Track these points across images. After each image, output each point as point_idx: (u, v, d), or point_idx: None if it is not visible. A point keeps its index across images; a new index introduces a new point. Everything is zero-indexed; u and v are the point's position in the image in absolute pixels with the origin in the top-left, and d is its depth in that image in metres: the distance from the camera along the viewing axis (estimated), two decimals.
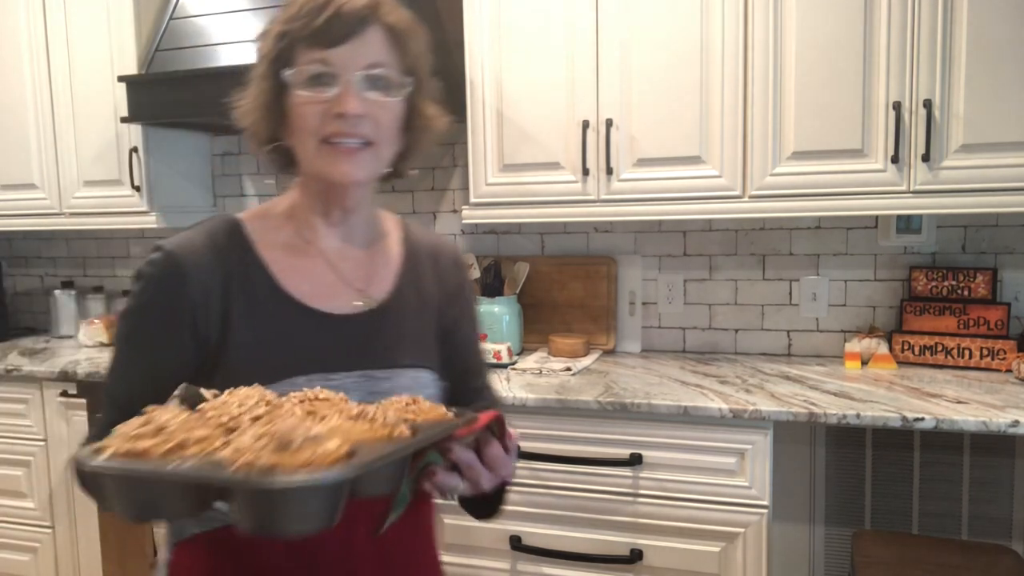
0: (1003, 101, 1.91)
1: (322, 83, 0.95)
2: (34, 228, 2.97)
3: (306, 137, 0.97)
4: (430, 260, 1.13)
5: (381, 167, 1.03)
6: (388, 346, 1.03)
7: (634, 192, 2.20)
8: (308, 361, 0.97)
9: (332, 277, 1.04)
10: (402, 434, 0.75)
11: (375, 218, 1.12)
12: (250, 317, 0.98)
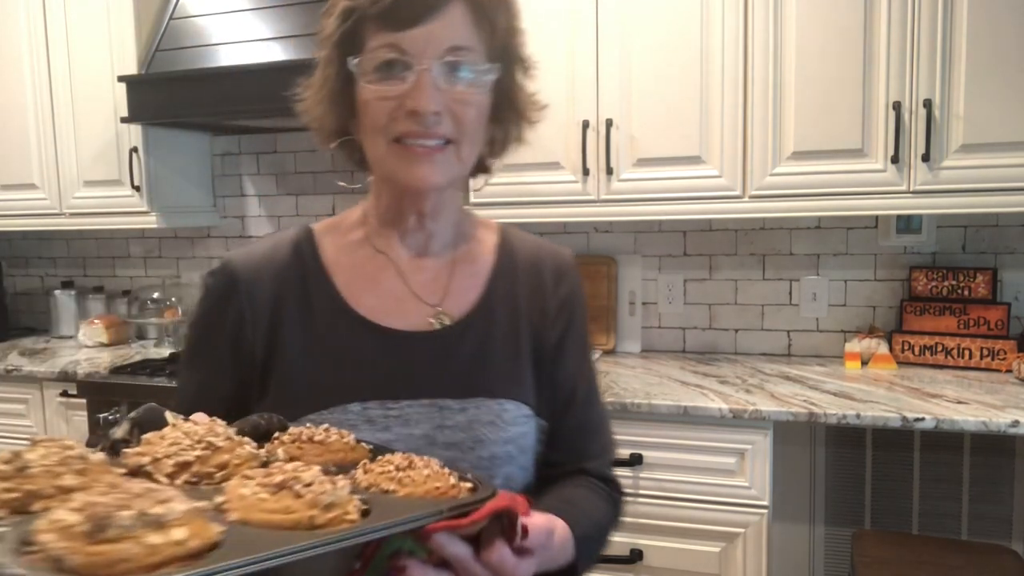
0: (1003, 101, 1.91)
1: (393, 72, 0.81)
2: (34, 228, 2.97)
3: (375, 136, 0.84)
4: (529, 271, 0.95)
5: (464, 167, 0.88)
6: (465, 371, 0.88)
7: (634, 192, 2.20)
8: (365, 384, 0.85)
9: (403, 291, 0.91)
10: (339, 520, 0.56)
11: (462, 224, 0.96)
12: (303, 332, 0.88)
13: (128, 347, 2.95)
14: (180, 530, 0.48)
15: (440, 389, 0.87)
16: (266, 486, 0.57)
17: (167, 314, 2.93)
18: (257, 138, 2.98)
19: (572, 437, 0.94)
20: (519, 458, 0.88)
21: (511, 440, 0.87)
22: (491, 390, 0.88)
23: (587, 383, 0.97)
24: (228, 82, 2.36)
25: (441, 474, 0.66)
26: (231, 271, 0.90)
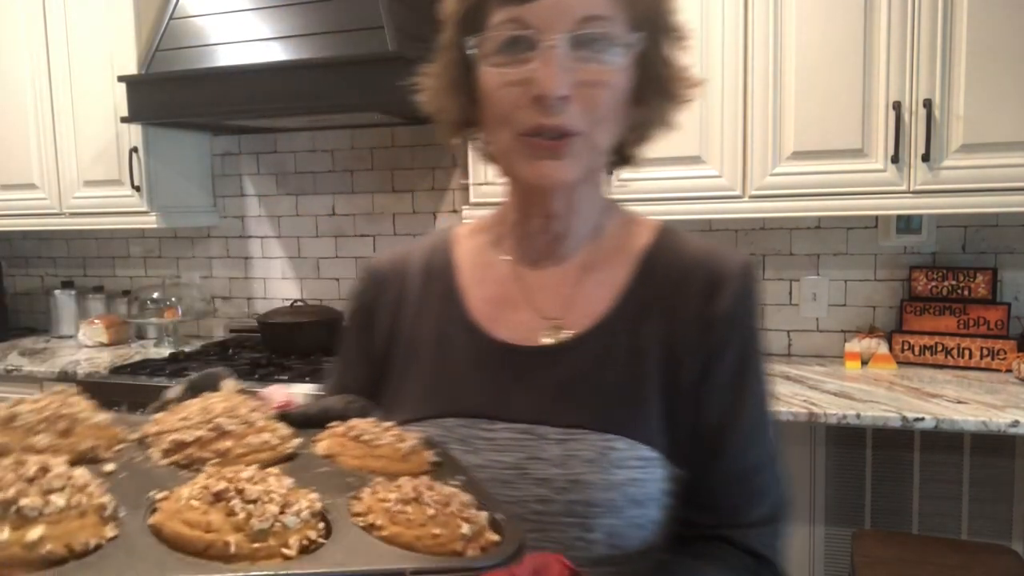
0: (1003, 101, 1.91)
1: (517, 52, 0.71)
2: (34, 228, 2.98)
3: (499, 128, 0.74)
4: (676, 282, 0.79)
5: (599, 159, 0.77)
6: (568, 396, 0.76)
7: (634, 192, 2.20)
8: (462, 397, 0.78)
9: (519, 299, 0.81)
10: (266, 553, 0.47)
11: (605, 224, 0.83)
12: (416, 333, 0.84)
13: (128, 347, 2.95)
14: (38, 529, 0.43)
15: (538, 413, 0.75)
16: (207, 492, 0.49)
17: (167, 314, 2.93)
18: (257, 138, 2.98)
19: (717, 495, 0.76)
20: (628, 510, 0.72)
21: (616, 486, 0.72)
22: (598, 422, 0.74)
23: (746, 427, 0.76)
24: (228, 82, 2.36)
25: (452, 517, 0.53)
26: (370, 268, 0.92)
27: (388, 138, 2.82)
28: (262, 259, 3.06)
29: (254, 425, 0.61)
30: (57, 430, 0.56)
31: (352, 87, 2.23)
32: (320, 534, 0.50)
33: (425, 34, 2.76)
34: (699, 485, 0.75)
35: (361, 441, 0.64)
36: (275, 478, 0.52)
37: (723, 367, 0.76)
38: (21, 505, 0.43)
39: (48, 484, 0.45)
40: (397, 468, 0.62)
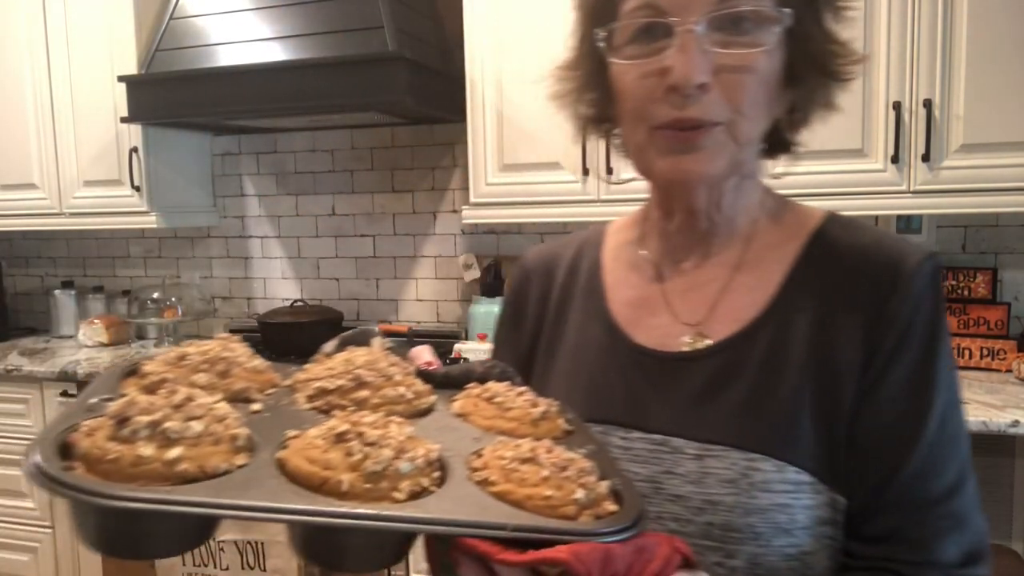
0: (1003, 101, 1.91)
1: (651, 41, 0.65)
2: (34, 228, 2.98)
3: (634, 123, 0.69)
4: (841, 281, 0.70)
5: (744, 149, 0.68)
6: (707, 407, 0.69)
7: (633, 192, 2.19)
8: (596, 401, 0.74)
9: (658, 302, 0.76)
10: (377, 495, 0.49)
11: (759, 218, 0.76)
12: (556, 331, 0.81)
13: (128, 347, 2.95)
14: (176, 450, 0.47)
15: (674, 425, 0.70)
16: (331, 432, 0.52)
17: (167, 314, 2.93)
18: (257, 138, 2.98)
19: (893, 525, 0.66)
20: (774, 539, 0.64)
21: (759, 511, 0.64)
22: (738, 438, 0.67)
23: (931, 443, 0.65)
24: (228, 82, 2.36)
25: (567, 481, 0.51)
26: (522, 261, 0.90)
27: (388, 138, 2.82)
28: (262, 259, 3.06)
29: (392, 379, 0.63)
30: (216, 371, 0.61)
31: (352, 87, 2.23)
32: (433, 483, 0.52)
33: (425, 34, 2.77)
34: (868, 513, 0.66)
35: (494, 403, 0.64)
36: (397, 426, 0.53)
37: (898, 375, 0.66)
38: (165, 427, 0.48)
39: (191, 412, 0.50)
40: (527, 432, 0.62)
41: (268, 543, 2.05)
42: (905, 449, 0.65)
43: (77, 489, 0.44)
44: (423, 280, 2.86)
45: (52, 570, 2.64)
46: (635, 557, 0.49)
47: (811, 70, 0.69)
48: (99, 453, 0.47)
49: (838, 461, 0.66)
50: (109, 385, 0.60)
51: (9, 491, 2.65)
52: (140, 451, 0.47)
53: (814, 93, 0.71)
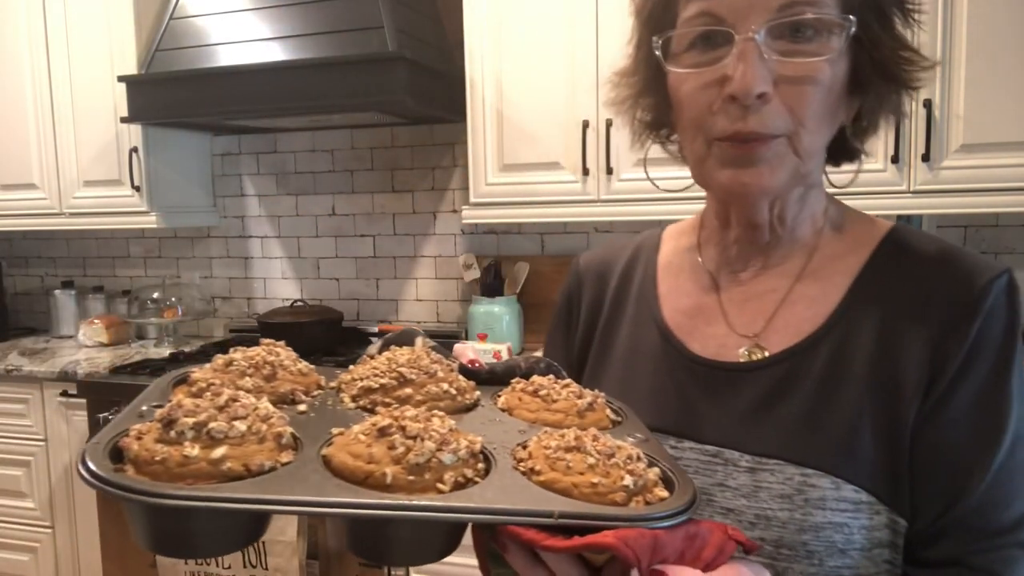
0: (1003, 101, 1.91)
1: (709, 49, 0.64)
2: (34, 228, 2.97)
3: (693, 134, 0.67)
4: (909, 296, 0.67)
5: (805, 162, 0.66)
6: (764, 422, 0.67)
7: (634, 192, 2.20)
8: (651, 411, 0.72)
9: (714, 312, 0.75)
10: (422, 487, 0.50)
11: (823, 229, 0.74)
12: (612, 331, 0.80)
13: (128, 347, 2.95)
14: (221, 449, 0.49)
15: (728, 437, 0.68)
16: (373, 428, 0.52)
17: (167, 314, 2.93)
18: (257, 138, 2.98)
19: (951, 553, 0.63)
20: (828, 559, 0.63)
21: (813, 529, 0.63)
22: (793, 452, 0.65)
23: (994, 476, 0.62)
24: (228, 82, 2.36)
25: (614, 468, 0.51)
26: (574, 265, 0.90)
27: (388, 138, 2.82)
28: (262, 259, 3.06)
29: (435, 376, 0.65)
30: (262, 375, 0.63)
31: (352, 87, 2.23)
32: (478, 473, 0.52)
33: (425, 34, 2.76)
34: (929, 537, 0.63)
35: (538, 396, 0.65)
36: (439, 419, 0.54)
37: (966, 395, 0.63)
38: (210, 427, 0.50)
39: (235, 412, 0.52)
40: (573, 423, 0.62)
41: (269, 542, 2.05)
42: (971, 474, 0.62)
43: (123, 488, 0.46)
44: (423, 280, 2.86)
45: (52, 570, 2.64)
46: (686, 544, 0.47)
47: (878, 77, 0.67)
48: (147, 455, 0.48)
49: (900, 482, 0.63)
50: (159, 393, 0.62)
51: (9, 491, 2.65)
52: (186, 451, 0.48)
53: (882, 100, 0.69)
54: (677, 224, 0.87)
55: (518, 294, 2.60)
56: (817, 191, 0.73)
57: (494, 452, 0.55)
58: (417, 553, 0.51)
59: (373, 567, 2.13)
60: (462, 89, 2.34)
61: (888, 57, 0.66)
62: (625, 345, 0.79)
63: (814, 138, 0.65)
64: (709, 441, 0.69)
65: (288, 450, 0.53)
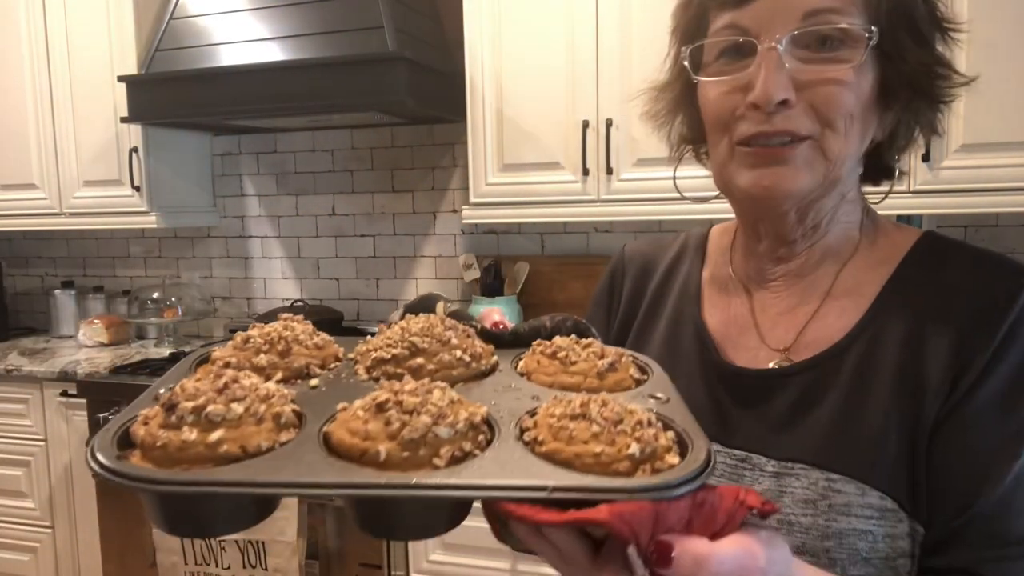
0: (1003, 101, 1.91)
1: (739, 58, 0.66)
2: (34, 228, 2.97)
3: (717, 137, 0.69)
4: (938, 305, 0.67)
5: (837, 168, 0.66)
6: (792, 427, 0.67)
7: (634, 192, 2.20)
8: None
9: (747, 321, 0.76)
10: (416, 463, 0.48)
11: (855, 240, 0.73)
12: (646, 327, 0.82)
13: (128, 347, 2.95)
14: (218, 432, 0.49)
15: (757, 442, 0.68)
16: (372, 402, 0.51)
17: (167, 314, 2.93)
18: (257, 138, 2.98)
19: (964, 560, 0.62)
20: (851, 567, 0.62)
21: (837, 536, 0.62)
22: (819, 457, 0.65)
23: (1012, 482, 0.61)
24: (228, 82, 2.36)
25: (620, 435, 0.48)
26: (622, 250, 0.91)
27: (388, 138, 2.82)
28: (262, 259, 3.06)
29: (448, 343, 0.63)
30: (277, 350, 0.63)
31: (352, 87, 2.23)
32: (478, 446, 0.51)
33: (425, 34, 2.76)
34: (943, 543, 0.62)
35: (556, 358, 0.62)
36: (439, 391, 0.52)
37: (985, 398, 0.62)
38: (208, 411, 0.50)
39: (233, 394, 0.52)
40: (592, 385, 0.60)
41: (269, 542, 2.05)
42: (987, 478, 0.61)
43: (120, 475, 0.47)
44: (423, 280, 2.86)
45: (52, 570, 2.64)
46: (694, 512, 0.45)
47: (907, 90, 0.67)
48: (151, 440, 0.49)
49: (920, 488, 0.62)
50: (178, 374, 0.62)
51: (9, 491, 2.65)
52: (184, 436, 0.49)
53: (916, 116, 0.69)
54: (723, 224, 0.87)
55: (518, 294, 2.60)
56: (852, 205, 0.73)
57: (500, 422, 0.54)
58: (422, 527, 0.50)
59: (373, 567, 2.13)
60: (462, 89, 2.34)
61: (917, 70, 0.66)
62: (662, 340, 0.80)
63: (843, 143, 0.65)
64: (738, 446, 0.69)
65: (290, 428, 0.53)
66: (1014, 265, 0.67)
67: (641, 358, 0.67)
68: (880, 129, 0.69)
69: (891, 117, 0.69)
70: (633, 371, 0.63)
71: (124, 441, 0.51)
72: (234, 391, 0.52)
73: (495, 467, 0.48)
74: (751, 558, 0.45)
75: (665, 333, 0.81)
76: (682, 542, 0.44)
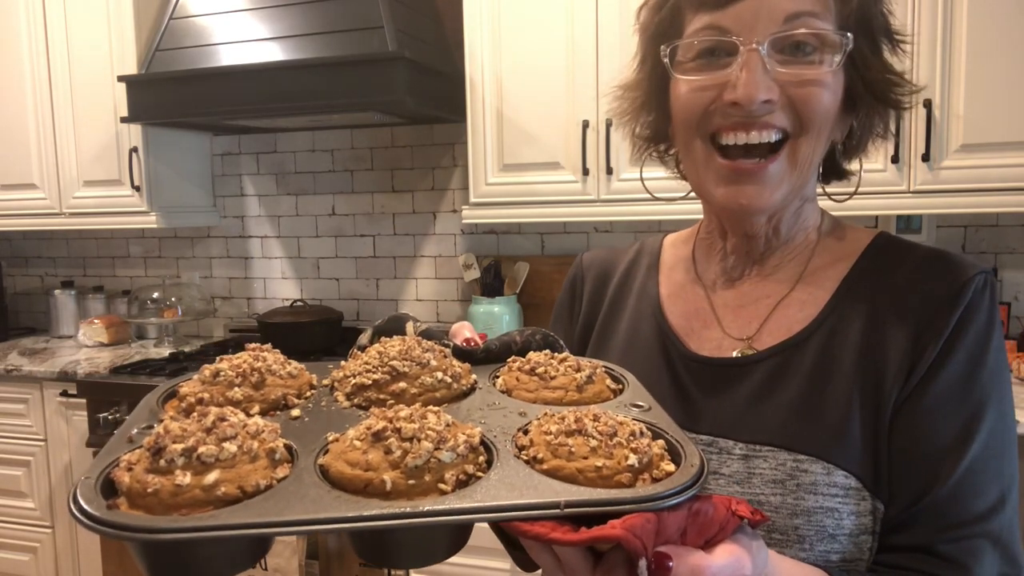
0: (1003, 101, 1.91)
1: (715, 60, 0.67)
2: (34, 228, 2.97)
3: (687, 134, 0.70)
4: (891, 298, 0.70)
5: (801, 175, 0.69)
6: (758, 411, 0.70)
7: (634, 192, 2.20)
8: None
9: (708, 316, 0.78)
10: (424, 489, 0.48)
11: (813, 240, 0.77)
12: (607, 327, 0.84)
13: (128, 347, 2.95)
14: (213, 474, 0.47)
15: (723, 427, 0.71)
16: (368, 432, 0.51)
17: (167, 314, 2.93)
18: (257, 138, 2.98)
19: (923, 539, 0.65)
20: (818, 544, 0.65)
21: (804, 514, 0.65)
22: (786, 439, 0.67)
23: (968, 464, 0.64)
24: (228, 82, 2.36)
25: (617, 448, 0.50)
26: (579, 258, 0.94)
27: (388, 138, 2.82)
28: (262, 259, 3.06)
29: (427, 366, 0.63)
30: (251, 383, 0.61)
31: (352, 87, 2.23)
32: (480, 468, 0.51)
33: (425, 34, 2.76)
34: (902, 523, 0.65)
35: (536, 374, 0.64)
36: (434, 416, 0.52)
37: (942, 385, 0.65)
38: (199, 452, 0.48)
39: (223, 432, 0.49)
40: (573, 399, 0.61)
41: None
42: (944, 462, 0.64)
43: (118, 527, 0.44)
44: (423, 280, 2.86)
45: (52, 570, 2.64)
46: (689, 520, 0.47)
47: (870, 96, 0.70)
48: (140, 487, 0.47)
49: (881, 469, 0.66)
50: (147, 413, 0.60)
51: (9, 491, 2.65)
52: (178, 480, 0.46)
53: (871, 120, 0.72)
54: (677, 234, 0.90)
55: (518, 294, 2.59)
56: (812, 205, 0.77)
57: (495, 441, 0.54)
58: (424, 555, 0.50)
59: (374, 567, 2.13)
60: (462, 89, 2.34)
61: (878, 78, 0.70)
62: (623, 338, 0.82)
63: (811, 147, 0.68)
64: (704, 432, 0.72)
65: (283, 464, 0.51)
66: (964, 260, 0.70)
67: (616, 369, 0.69)
68: (839, 131, 0.72)
69: (850, 121, 0.72)
70: (609, 382, 0.66)
71: (107, 489, 0.48)
72: (224, 429, 0.50)
73: (504, 488, 0.48)
74: (740, 566, 0.48)
75: (627, 330, 0.83)
76: (679, 554, 0.46)
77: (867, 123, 0.73)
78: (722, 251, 0.79)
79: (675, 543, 0.47)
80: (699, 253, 0.83)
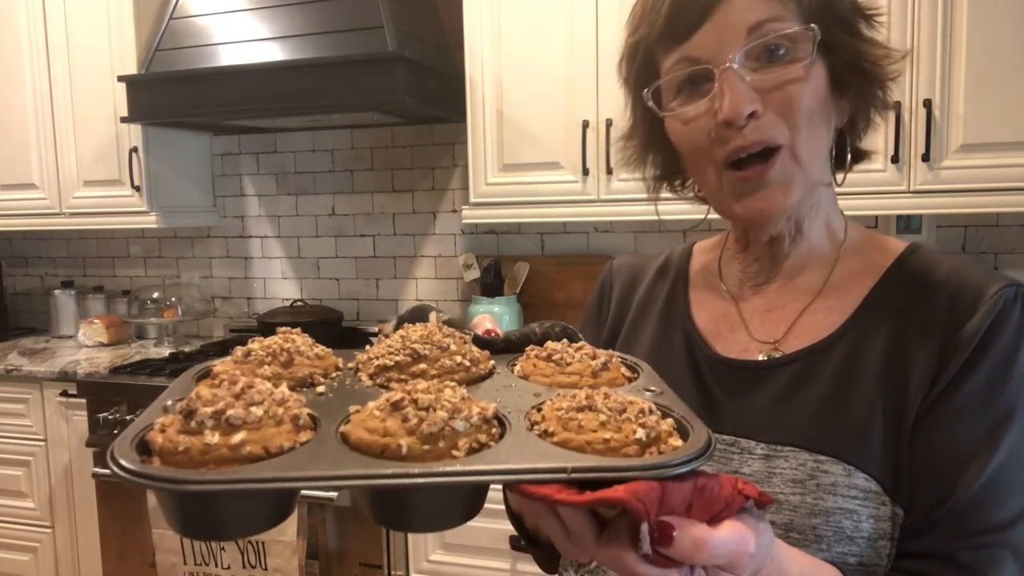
0: (1003, 101, 1.91)
1: (697, 88, 0.70)
2: (34, 228, 2.97)
3: (702, 167, 0.73)
4: (920, 305, 0.71)
5: (808, 171, 0.70)
6: (781, 412, 0.71)
7: (634, 192, 2.20)
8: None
9: (735, 320, 0.80)
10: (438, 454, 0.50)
11: (840, 244, 0.79)
12: (635, 329, 0.87)
13: (128, 347, 2.95)
14: (240, 435, 0.50)
15: (746, 427, 0.72)
16: (387, 403, 0.53)
17: (167, 314, 2.93)
18: (257, 138, 2.98)
19: (941, 546, 0.65)
20: (836, 544, 0.66)
21: (823, 514, 0.66)
22: (810, 440, 0.68)
23: (991, 474, 0.64)
24: (228, 82, 2.36)
25: (626, 423, 0.51)
26: (609, 264, 0.97)
27: (388, 138, 2.82)
28: (262, 259, 3.06)
29: (447, 350, 0.66)
30: (280, 361, 0.65)
31: (352, 87, 2.23)
32: (492, 439, 0.53)
33: (425, 34, 2.76)
34: (921, 528, 0.65)
35: (552, 360, 0.66)
36: (450, 390, 0.55)
37: (966, 394, 0.65)
38: (228, 415, 0.51)
39: (251, 398, 0.53)
40: (588, 384, 0.63)
41: (268, 543, 2.05)
42: (967, 470, 0.64)
43: (151, 478, 0.47)
44: (423, 280, 2.86)
45: (52, 570, 2.64)
46: (695, 495, 0.48)
47: (854, 75, 0.71)
48: (171, 446, 0.50)
49: (903, 474, 0.66)
50: (182, 388, 0.63)
51: (9, 491, 2.65)
52: (207, 439, 0.50)
53: (866, 97, 0.74)
54: (705, 241, 0.93)
55: (518, 294, 2.60)
56: (827, 191, 0.78)
57: (508, 416, 0.56)
58: (440, 518, 0.52)
59: (373, 567, 2.13)
60: (462, 89, 2.34)
61: (858, 56, 0.71)
62: (651, 341, 0.84)
63: (810, 143, 0.69)
64: (726, 432, 0.73)
65: (306, 430, 0.54)
66: (994, 274, 0.71)
67: (629, 358, 0.70)
68: (839, 117, 0.73)
69: (847, 103, 0.73)
70: (624, 370, 0.67)
71: (141, 449, 0.52)
72: (251, 395, 0.53)
73: (513, 454, 0.51)
74: (744, 543, 0.49)
75: (654, 335, 0.85)
76: (683, 524, 0.47)
77: (861, 100, 0.74)
78: (747, 259, 0.81)
79: (680, 516, 0.48)
80: (725, 261, 0.86)
